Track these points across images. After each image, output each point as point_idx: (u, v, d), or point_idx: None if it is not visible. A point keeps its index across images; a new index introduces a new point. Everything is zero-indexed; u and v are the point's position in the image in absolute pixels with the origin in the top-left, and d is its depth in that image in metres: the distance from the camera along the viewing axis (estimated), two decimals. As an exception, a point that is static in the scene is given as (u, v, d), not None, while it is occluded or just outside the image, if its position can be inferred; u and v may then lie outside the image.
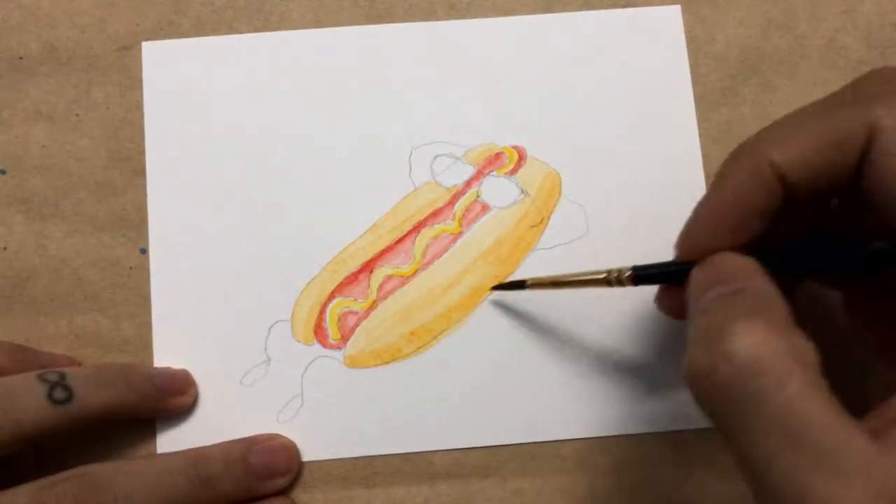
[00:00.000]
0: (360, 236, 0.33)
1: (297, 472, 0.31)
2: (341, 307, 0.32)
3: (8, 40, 0.34)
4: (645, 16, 0.35)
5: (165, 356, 0.32)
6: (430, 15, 0.35)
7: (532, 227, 0.33)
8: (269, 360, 0.32)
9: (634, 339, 0.32)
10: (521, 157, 0.34)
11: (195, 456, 0.29)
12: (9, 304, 0.32)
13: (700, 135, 0.34)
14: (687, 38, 0.34)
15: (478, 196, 0.33)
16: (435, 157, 0.34)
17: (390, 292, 0.32)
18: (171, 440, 0.31)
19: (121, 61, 0.34)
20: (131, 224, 0.33)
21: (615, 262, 0.28)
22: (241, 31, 0.34)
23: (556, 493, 0.31)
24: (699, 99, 0.34)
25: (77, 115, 0.34)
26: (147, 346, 0.32)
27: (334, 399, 0.32)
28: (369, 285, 0.32)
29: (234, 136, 0.33)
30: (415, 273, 0.33)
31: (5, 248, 0.33)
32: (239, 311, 0.32)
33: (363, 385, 0.32)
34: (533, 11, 0.35)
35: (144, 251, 0.33)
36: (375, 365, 0.32)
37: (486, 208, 0.33)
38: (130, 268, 0.32)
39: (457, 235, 0.33)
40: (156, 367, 0.31)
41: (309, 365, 0.32)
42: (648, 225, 0.33)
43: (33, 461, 0.29)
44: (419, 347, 0.32)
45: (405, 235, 0.33)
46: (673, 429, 0.32)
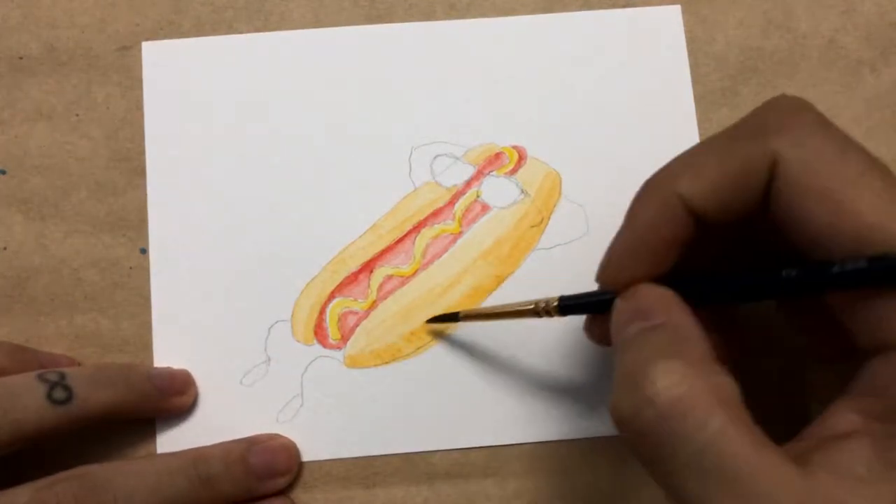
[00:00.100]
0: (360, 236, 0.33)
1: (296, 472, 0.31)
2: (341, 307, 0.32)
3: (8, 40, 0.34)
4: (645, 16, 0.35)
5: (165, 356, 0.32)
6: (430, 15, 0.35)
7: (532, 226, 0.33)
8: (269, 360, 0.32)
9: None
10: (521, 157, 0.34)
11: (195, 456, 0.29)
12: (9, 304, 0.32)
13: (700, 135, 0.34)
14: (687, 38, 0.34)
15: (478, 196, 0.33)
16: (435, 157, 0.34)
17: (390, 292, 0.32)
18: (171, 440, 0.31)
19: (121, 61, 0.34)
20: (131, 224, 0.33)
21: None
22: (241, 31, 0.34)
23: (556, 493, 0.31)
24: (699, 99, 0.34)
25: (77, 115, 0.34)
26: (147, 346, 0.32)
27: (334, 399, 0.32)
28: (369, 285, 0.32)
29: (235, 136, 0.33)
30: (415, 273, 0.33)
31: (5, 248, 0.33)
32: (239, 311, 0.32)
33: (363, 385, 0.32)
34: (533, 11, 0.35)
35: (144, 251, 0.33)
36: (375, 365, 0.32)
37: (486, 208, 0.33)
38: (130, 268, 0.32)
39: (457, 235, 0.33)
40: (156, 367, 0.31)
41: (309, 365, 0.32)
42: (648, 225, 0.33)
43: (33, 461, 0.29)
44: (419, 347, 0.32)
45: (405, 235, 0.33)
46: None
